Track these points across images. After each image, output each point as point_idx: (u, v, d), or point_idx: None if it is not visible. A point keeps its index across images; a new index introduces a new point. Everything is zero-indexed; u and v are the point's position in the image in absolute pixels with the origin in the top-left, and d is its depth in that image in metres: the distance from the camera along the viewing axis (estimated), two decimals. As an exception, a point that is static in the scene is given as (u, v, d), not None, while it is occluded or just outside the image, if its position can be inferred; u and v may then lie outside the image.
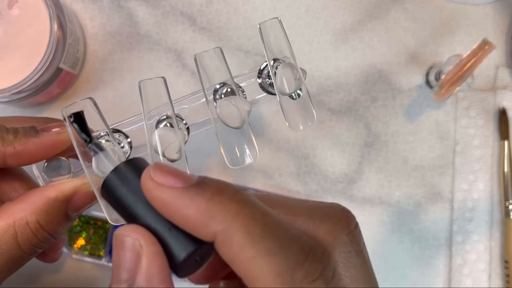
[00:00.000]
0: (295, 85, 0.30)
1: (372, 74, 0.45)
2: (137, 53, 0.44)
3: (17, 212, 0.26)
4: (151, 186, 0.20)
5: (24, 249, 0.27)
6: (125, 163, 0.22)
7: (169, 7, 0.44)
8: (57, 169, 0.29)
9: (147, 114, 0.29)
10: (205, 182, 0.20)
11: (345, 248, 0.21)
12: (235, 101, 0.29)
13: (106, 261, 0.43)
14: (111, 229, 0.43)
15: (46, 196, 0.27)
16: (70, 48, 0.39)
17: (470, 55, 0.40)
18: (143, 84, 0.28)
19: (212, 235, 0.19)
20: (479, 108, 0.45)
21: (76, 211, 0.28)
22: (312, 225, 0.21)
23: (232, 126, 0.29)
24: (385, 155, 0.45)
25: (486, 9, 0.46)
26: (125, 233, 0.20)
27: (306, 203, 0.23)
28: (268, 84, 0.32)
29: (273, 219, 0.20)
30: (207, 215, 0.19)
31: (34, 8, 0.37)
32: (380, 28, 0.45)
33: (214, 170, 0.44)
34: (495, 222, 0.45)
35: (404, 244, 0.45)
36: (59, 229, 0.28)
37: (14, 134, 0.27)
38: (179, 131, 0.29)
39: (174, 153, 0.28)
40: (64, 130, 0.28)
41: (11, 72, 0.36)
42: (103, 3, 0.44)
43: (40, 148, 0.28)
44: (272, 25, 0.30)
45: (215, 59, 0.30)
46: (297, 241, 0.19)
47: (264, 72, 0.33)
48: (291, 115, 0.31)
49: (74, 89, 0.44)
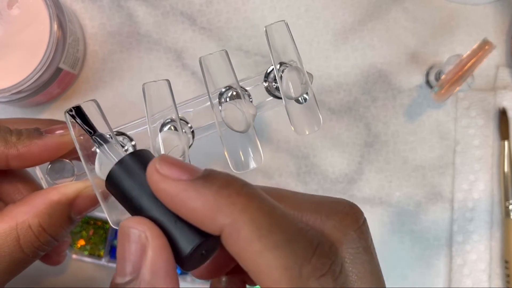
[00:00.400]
0: (302, 89, 0.30)
1: (372, 74, 0.45)
2: (137, 53, 0.44)
3: (19, 215, 0.26)
4: (157, 178, 0.20)
5: (26, 252, 0.26)
6: (130, 155, 0.22)
7: (169, 7, 0.44)
8: (60, 172, 0.29)
9: (151, 117, 0.28)
10: (212, 175, 0.20)
11: (352, 244, 0.20)
12: (240, 104, 0.29)
13: (106, 261, 0.43)
14: (111, 229, 0.43)
15: (49, 199, 0.27)
16: (70, 48, 0.39)
17: (470, 55, 0.40)
18: (147, 86, 0.28)
19: (219, 229, 0.19)
20: (479, 108, 0.45)
21: (79, 214, 0.28)
22: (319, 220, 0.21)
23: (237, 130, 0.29)
24: (385, 155, 0.45)
25: (486, 9, 0.46)
26: (131, 225, 0.20)
27: (313, 197, 0.22)
28: (274, 88, 0.32)
29: (280, 212, 0.20)
30: (214, 208, 0.19)
31: (34, 8, 0.37)
32: (380, 28, 0.45)
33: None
34: (495, 222, 0.44)
35: (405, 244, 0.45)
36: (61, 232, 0.28)
37: (17, 136, 0.27)
38: (183, 135, 0.28)
39: (178, 156, 0.28)
40: (68, 132, 0.28)
41: (11, 72, 0.36)
42: (102, 3, 0.44)
43: (43, 150, 0.27)
44: (278, 28, 0.30)
45: (220, 62, 0.29)
46: (305, 235, 0.19)
47: (270, 75, 0.32)
48: (297, 119, 0.30)
49: (74, 89, 0.44)
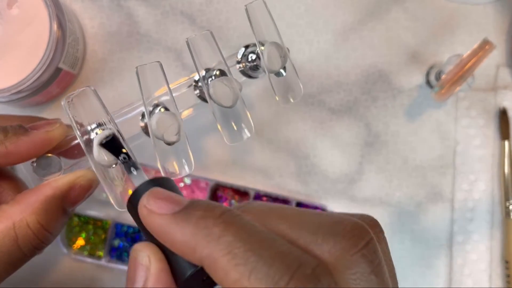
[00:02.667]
0: (281, 61, 0.32)
1: (372, 73, 0.45)
2: (137, 52, 0.44)
3: (16, 214, 0.26)
4: (144, 213, 0.21)
5: (24, 250, 0.26)
6: (147, 183, 0.23)
7: (168, 7, 0.44)
8: (47, 167, 0.29)
9: (147, 100, 0.29)
10: (193, 206, 0.20)
11: (350, 269, 0.19)
12: (227, 81, 0.30)
13: (105, 261, 0.43)
14: (111, 229, 0.43)
15: (44, 195, 0.27)
16: (69, 48, 0.39)
17: (471, 55, 0.40)
18: (140, 69, 0.29)
19: (199, 260, 0.19)
20: (479, 108, 0.45)
21: (73, 205, 0.28)
22: (314, 244, 0.20)
23: (226, 106, 0.30)
24: (385, 155, 0.45)
25: (486, 8, 0.45)
26: (139, 248, 0.22)
27: (319, 217, 0.21)
28: (248, 68, 0.34)
29: (260, 237, 0.19)
30: (193, 241, 0.19)
31: (34, 7, 0.37)
32: (380, 27, 0.45)
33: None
34: (495, 222, 0.44)
35: (405, 244, 0.45)
36: (58, 226, 0.28)
37: (4, 133, 0.27)
38: (177, 113, 0.29)
39: (173, 135, 0.29)
40: (53, 128, 0.28)
41: (11, 72, 0.36)
42: (102, 2, 0.44)
43: (30, 147, 0.27)
44: (257, 6, 0.32)
45: (205, 43, 0.31)
46: (284, 259, 0.18)
47: (243, 57, 0.34)
48: (280, 91, 0.32)
49: (73, 89, 0.44)
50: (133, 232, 0.43)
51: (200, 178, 0.43)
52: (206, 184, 0.43)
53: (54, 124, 0.28)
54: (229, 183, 0.44)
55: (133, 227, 0.43)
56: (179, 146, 0.30)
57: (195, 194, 0.43)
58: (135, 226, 0.43)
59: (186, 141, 0.30)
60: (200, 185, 0.43)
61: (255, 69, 0.34)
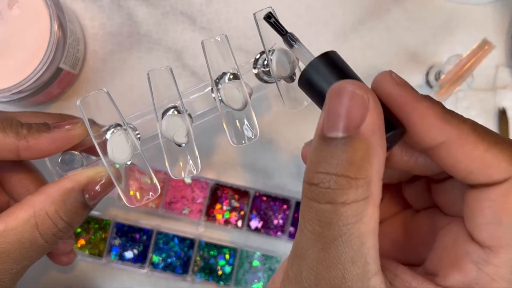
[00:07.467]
0: (290, 68, 0.32)
1: (372, 74, 0.45)
2: (137, 53, 0.44)
3: (37, 203, 0.28)
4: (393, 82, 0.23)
5: (45, 238, 0.28)
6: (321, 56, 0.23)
7: (169, 7, 0.44)
8: (70, 163, 0.31)
9: (158, 103, 0.30)
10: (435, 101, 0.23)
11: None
12: (238, 84, 0.31)
13: (106, 261, 0.43)
14: (111, 229, 0.43)
15: (63, 187, 0.29)
16: (70, 48, 0.39)
17: (470, 55, 0.40)
18: (152, 74, 0.30)
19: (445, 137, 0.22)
20: (479, 108, 0.45)
21: (93, 199, 0.30)
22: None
23: (235, 108, 0.31)
24: (385, 155, 0.45)
25: (486, 8, 0.46)
26: (354, 87, 0.21)
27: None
28: (263, 73, 0.34)
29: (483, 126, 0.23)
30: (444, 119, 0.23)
31: (34, 8, 0.37)
32: (380, 28, 0.45)
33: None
34: (495, 221, 0.44)
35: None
36: (77, 218, 0.30)
37: (28, 128, 0.29)
38: (187, 116, 0.31)
39: (183, 136, 0.30)
40: (75, 127, 0.30)
41: (11, 72, 0.36)
42: (103, 3, 0.44)
43: (51, 143, 0.29)
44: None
45: (221, 48, 0.32)
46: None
47: (259, 62, 0.34)
48: (288, 97, 0.33)
49: (74, 89, 0.44)
50: (133, 232, 0.43)
51: (200, 178, 0.44)
52: (206, 183, 0.43)
53: (76, 123, 0.30)
54: (229, 183, 0.44)
55: (133, 227, 0.43)
56: (187, 147, 0.31)
57: (195, 193, 0.43)
58: (135, 225, 0.43)
59: (194, 143, 0.31)
60: (200, 184, 0.44)
61: (269, 75, 0.33)
